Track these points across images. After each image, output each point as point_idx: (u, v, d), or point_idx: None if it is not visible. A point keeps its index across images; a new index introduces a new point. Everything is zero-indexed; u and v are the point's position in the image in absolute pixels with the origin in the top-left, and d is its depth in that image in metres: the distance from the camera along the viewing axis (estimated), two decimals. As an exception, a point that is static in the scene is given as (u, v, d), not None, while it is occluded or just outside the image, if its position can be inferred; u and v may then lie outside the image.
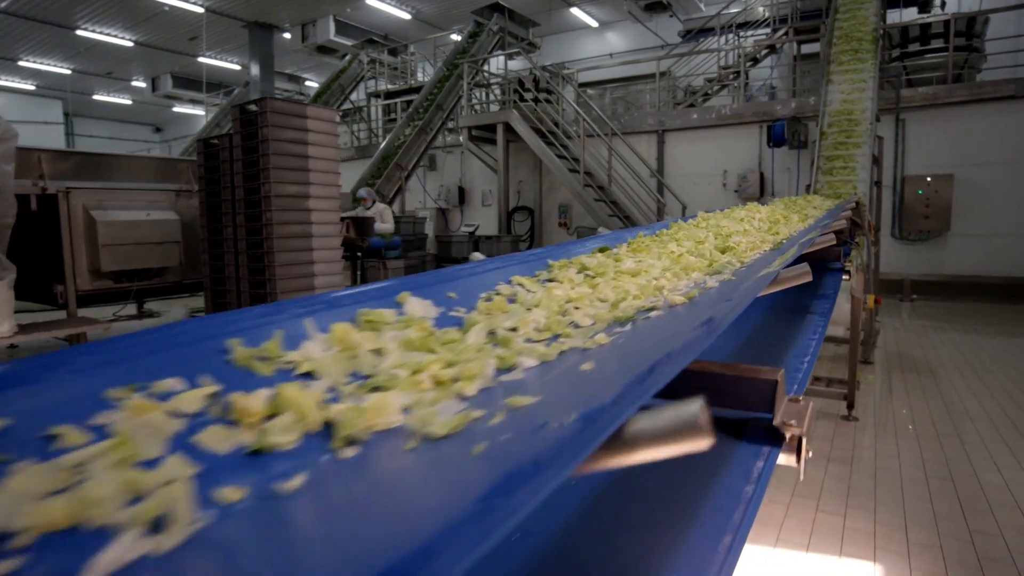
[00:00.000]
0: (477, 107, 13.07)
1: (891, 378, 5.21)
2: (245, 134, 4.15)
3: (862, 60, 8.11)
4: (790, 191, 10.16)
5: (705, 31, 13.18)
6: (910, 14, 10.99)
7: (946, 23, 9.45)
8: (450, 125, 12.72)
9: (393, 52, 15.59)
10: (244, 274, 4.19)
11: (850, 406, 3.80)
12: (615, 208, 10.88)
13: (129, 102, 26.84)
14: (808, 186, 7.57)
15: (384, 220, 8.01)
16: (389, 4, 16.35)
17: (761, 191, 10.39)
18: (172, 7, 16.12)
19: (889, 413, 4.13)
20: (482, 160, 11.91)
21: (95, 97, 25.69)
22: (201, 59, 21.03)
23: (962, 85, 9.17)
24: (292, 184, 4.11)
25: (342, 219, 7.43)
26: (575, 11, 17.32)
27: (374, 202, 8.18)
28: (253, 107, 4.15)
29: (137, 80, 23.63)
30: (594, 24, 18.15)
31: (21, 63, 20.80)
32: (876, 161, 7.19)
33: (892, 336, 7.24)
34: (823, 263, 2.84)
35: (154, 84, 23.31)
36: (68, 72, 22.03)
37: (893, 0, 11.03)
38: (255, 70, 17.90)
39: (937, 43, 9.53)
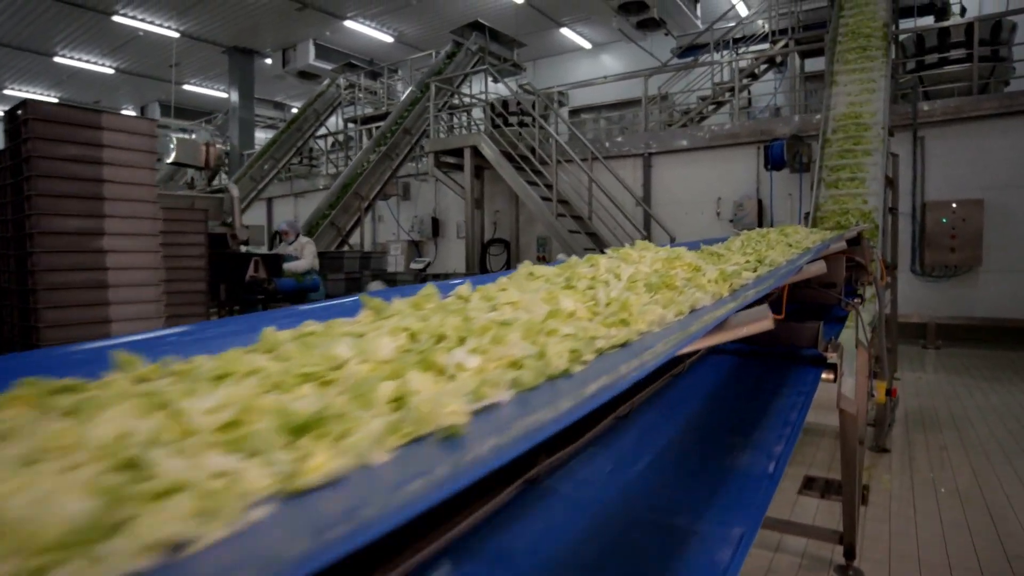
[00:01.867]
0: (452, 131, 12.08)
1: (912, 466, 3.90)
2: (14, 150, 3.07)
3: (871, 58, 7.00)
4: (792, 220, 8.91)
5: (700, 47, 12.11)
6: (925, 24, 9.80)
7: (968, 28, 8.25)
8: (419, 151, 11.72)
9: (374, 76, 14.76)
10: (16, 334, 3.09)
11: (849, 555, 2.51)
12: (595, 240, 9.70)
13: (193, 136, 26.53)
14: (807, 215, 6.38)
15: (304, 256, 6.89)
16: (369, 27, 15.62)
17: (760, 220, 9.16)
18: (146, 32, 15.49)
19: (911, 545, 2.84)
20: (451, 188, 10.84)
21: (88, 127, 25.24)
22: (186, 86, 20.57)
23: (990, 96, 7.93)
24: (73, 217, 3.02)
25: (250, 256, 6.38)
26: (566, 32, 16.45)
27: (297, 236, 7.08)
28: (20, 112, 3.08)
29: (126, 109, 23.21)
30: (587, 46, 17.30)
31: (6, 91, 20.43)
32: (890, 183, 6.00)
33: (914, 396, 5.91)
34: (788, 348, 1.67)
35: (143, 113, 22.85)
36: (55, 101, 21.60)
37: (905, 10, 9.92)
38: (234, 96, 17.23)
39: (957, 52, 8.35)
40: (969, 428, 4.83)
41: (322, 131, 15.54)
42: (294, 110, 22.85)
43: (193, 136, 21.39)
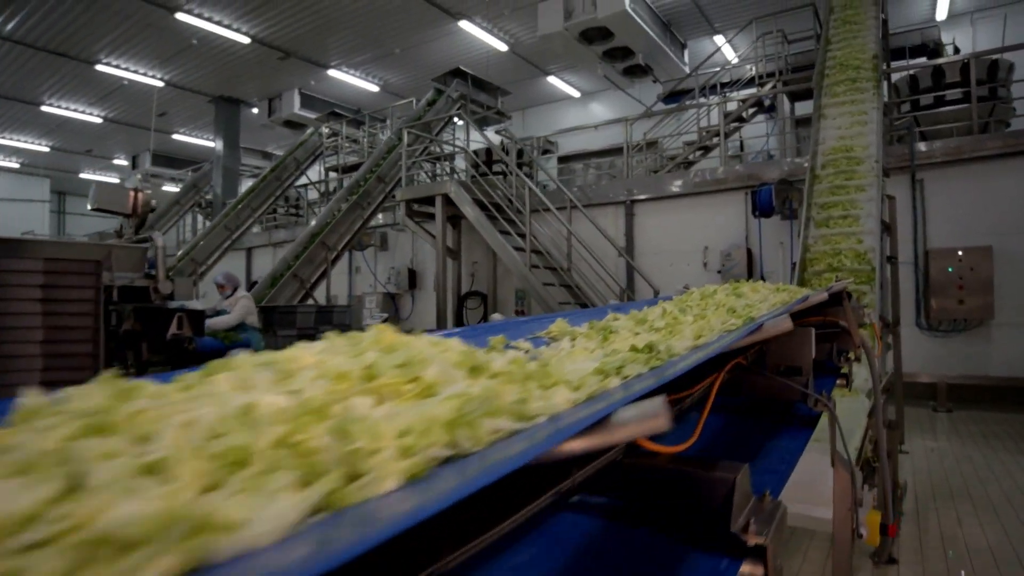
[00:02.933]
0: (435, 179, 11.62)
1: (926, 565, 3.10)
2: None
3: (861, 90, 6.54)
4: (784, 270, 8.25)
5: (686, 92, 11.71)
6: (918, 62, 9.32)
7: (963, 67, 7.76)
8: (392, 200, 11.22)
9: (358, 124, 14.46)
10: None
11: None
12: (576, 293, 9.06)
13: (117, 180, 26.47)
14: (793, 265, 5.74)
15: (233, 312, 6.23)
16: (354, 76, 15.45)
17: (749, 271, 8.50)
18: (131, 81, 15.36)
19: None
20: (423, 239, 10.28)
21: (81, 176, 25.31)
22: (175, 136, 20.49)
23: (992, 135, 7.34)
24: None
25: (174, 311, 5.74)
26: (554, 81, 16.24)
27: (234, 289, 6.44)
28: None
29: (118, 158, 23.17)
30: (575, 94, 17.09)
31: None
32: (888, 229, 5.37)
33: (924, 471, 5.12)
34: (689, 508, 0.96)
35: (134, 162, 22.78)
36: (47, 150, 21.59)
37: (897, 51, 9.52)
38: (219, 145, 17.00)
39: (954, 93, 7.84)
40: (989, 510, 4.05)
41: (303, 180, 15.17)
42: (283, 160, 22.80)
43: (125, 181, 21.25)
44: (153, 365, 6.06)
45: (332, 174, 14.71)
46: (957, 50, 9.63)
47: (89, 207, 5.92)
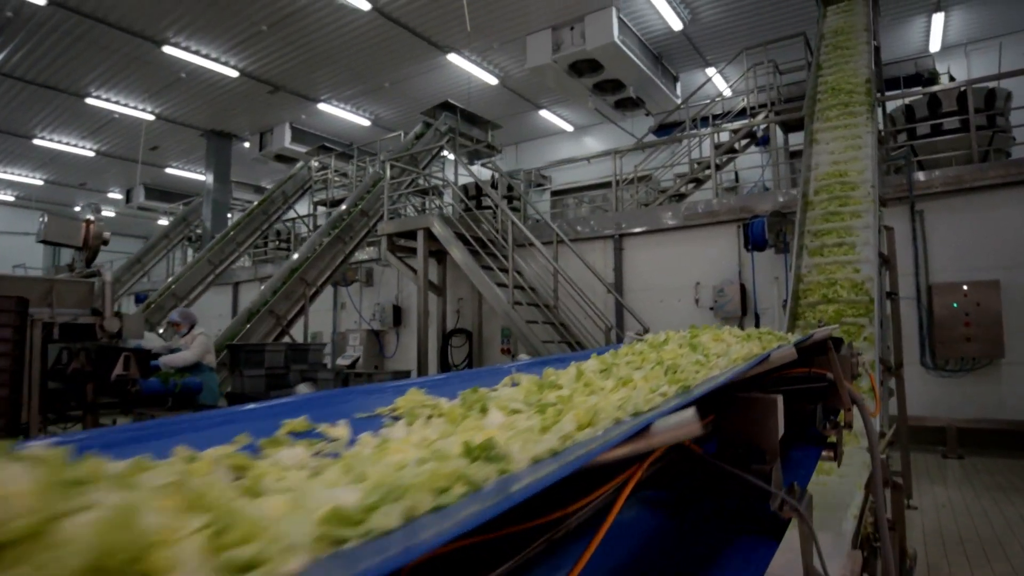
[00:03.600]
0: (423, 213, 11.33)
1: None
2: None
3: (854, 114, 6.30)
4: (780, 307, 7.82)
5: (677, 124, 11.47)
6: (914, 90, 9.04)
7: (960, 96, 7.47)
8: (375, 234, 10.92)
9: (348, 158, 14.27)
10: None
11: None
12: (562, 331, 8.64)
13: (112, 214, 26.43)
14: (784, 302, 5.35)
15: (191, 350, 5.83)
16: (344, 110, 15.35)
17: (743, 307, 8.09)
18: (122, 115, 15.27)
19: None
20: (405, 274, 9.93)
21: (76, 209, 25.23)
22: (168, 170, 20.42)
23: (994, 164, 6.99)
24: None
25: (121, 351, 5.35)
26: (546, 115, 16.12)
27: (191, 327, 6.05)
28: None
29: (113, 191, 23.10)
30: (568, 128, 16.96)
31: (-8, 173, 20.37)
32: (886, 262, 5.00)
33: (935, 531, 4.62)
34: None
35: (128, 196, 22.68)
36: (41, 183, 21.52)
37: (892, 82, 9.29)
38: (209, 178, 16.85)
39: (951, 121, 7.55)
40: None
41: (292, 214, 14.93)
42: (276, 193, 22.68)
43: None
44: (102, 407, 5.66)
45: (321, 208, 14.46)
46: (952, 79, 9.38)
47: (37, 240, 5.59)
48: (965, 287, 7.12)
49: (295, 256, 10.10)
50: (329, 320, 12.85)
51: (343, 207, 10.60)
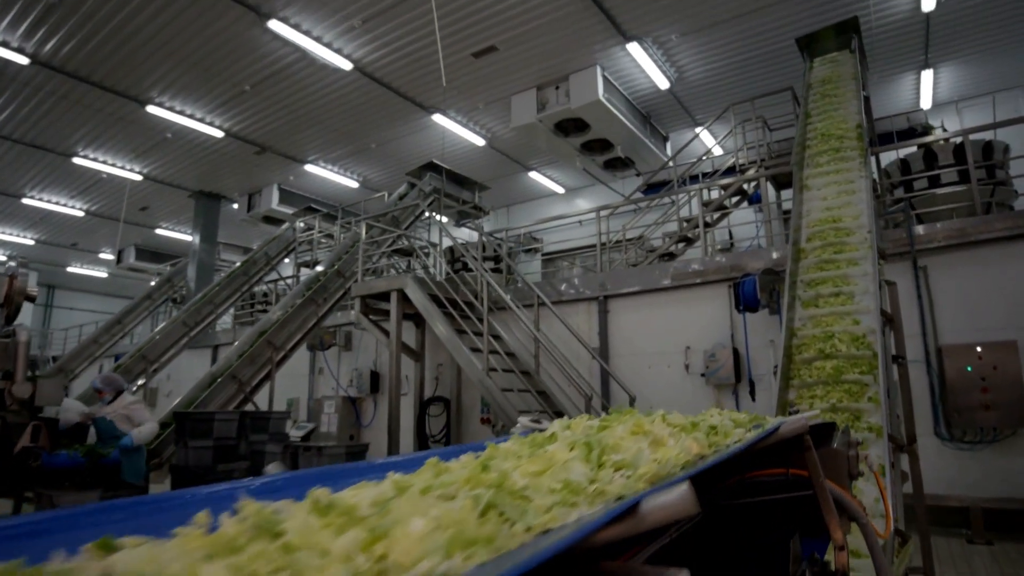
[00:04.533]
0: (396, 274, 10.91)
1: None
2: None
3: (846, 159, 5.92)
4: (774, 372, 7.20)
5: (666, 183, 11.15)
6: (909, 142, 8.69)
7: (956, 149, 7.10)
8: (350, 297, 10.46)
9: (332, 219, 13.99)
10: None
11: None
12: (543, 400, 8.01)
13: (105, 275, 26.22)
14: (775, 368, 4.77)
15: (133, 420, 5.23)
16: (332, 171, 15.20)
17: (736, 374, 7.46)
18: (109, 175, 15.13)
19: None
20: (378, 338, 9.39)
21: (69, 269, 25.06)
22: (158, 230, 20.25)
23: (1000, 216, 6.48)
24: None
25: (31, 421, 4.76)
26: (536, 176, 15.94)
27: (117, 394, 5.46)
28: None
29: (105, 252, 22.90)
30: (560, 190, 16.78)
31: (-21, 232, 20.19)
32: (890, 321, 4.46)
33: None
34: None
35: (120, 256, 22.49)
36: (32, 243, 21.34)
37: (885, 136, 8.99)
38: (196, 239, 16.58)
39: (948, 174, 7.15)
40: None
41: (275, 276, 14.53)
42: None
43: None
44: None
45: (305, 270, 14.07)
46: (944, 128, 9.09)
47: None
48: (979, 349, 6.48)
49: (264, 318, 9.61)
50: (306, 386, 12.22)
51: (319, 268, 10.19)
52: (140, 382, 11.79)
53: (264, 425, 7.87)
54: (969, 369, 6.46)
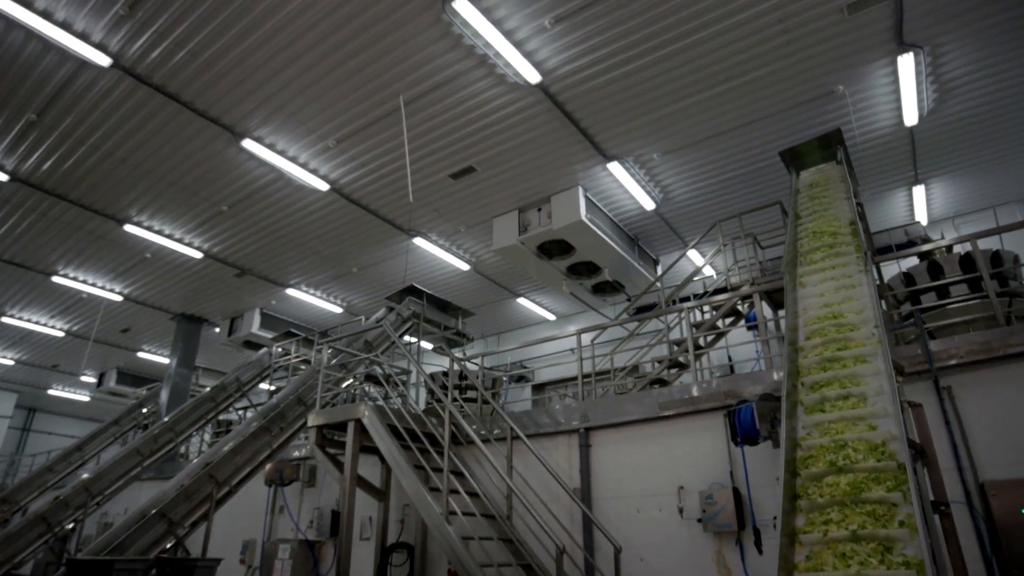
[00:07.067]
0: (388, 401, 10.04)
1: None
2: None
3: (842, 254, 5.31)
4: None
5: (654, 306, 10.51)
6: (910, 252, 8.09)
7: (963, 260, 6.46)
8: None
9: (310, 344, 13.34)
10: None
11: None
12: (517, 551, 6.83)
13: (87, 398, 25.33)
14: (775, 519, 3.78)
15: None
16: (314, 296, 14.82)
17: (739, 519, 6.31)
18: (90, 295, 14.79)
19: None
20: (330, 473, 8.34)
21: (51, 392, 24.25)
22: (140, 353, 19.64)
23: (1032, 324, 5.66)
24: None
25: None
26: (525, 303, 15.45)
27: None
28: None
29: (87, 375, 22.20)
30: (551, 317, 16.22)
31: (-41, 351, 19.62)
32: (921, 454, 3.60)
33: None
34: None
35: (101, 379, 21.76)
36: (11, 363, 20.70)
37: (884, 250, 8.46)
38: (172, 362, 15.89)
39: (958, 287, 6.47)
40: None
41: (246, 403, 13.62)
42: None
43: None
44: None
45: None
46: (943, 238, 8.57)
47: None
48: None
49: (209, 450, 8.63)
50: (261, 526, 10.88)
51: (278, 395, 9.35)
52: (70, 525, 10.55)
53: (190, 573, 6.70)
54: (1024, 511, 5.31)
